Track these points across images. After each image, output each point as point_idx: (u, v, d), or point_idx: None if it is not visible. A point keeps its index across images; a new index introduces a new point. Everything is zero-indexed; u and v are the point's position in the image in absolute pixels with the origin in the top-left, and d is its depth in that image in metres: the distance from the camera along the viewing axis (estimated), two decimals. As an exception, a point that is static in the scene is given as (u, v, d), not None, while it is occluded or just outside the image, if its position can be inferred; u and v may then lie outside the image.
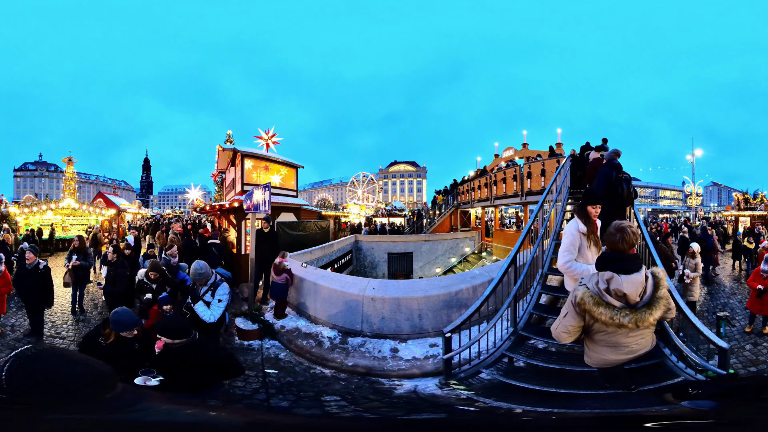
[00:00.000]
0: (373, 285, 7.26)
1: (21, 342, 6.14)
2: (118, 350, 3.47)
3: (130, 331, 3.53)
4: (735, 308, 8.38)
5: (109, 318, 3.60)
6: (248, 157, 12.29)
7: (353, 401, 4.32)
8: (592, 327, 2.72)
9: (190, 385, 3.13)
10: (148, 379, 2.95)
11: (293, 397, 4.70)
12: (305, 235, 13.47)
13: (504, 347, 4.90)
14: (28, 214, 19.19)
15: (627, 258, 2.68)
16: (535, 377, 4.36)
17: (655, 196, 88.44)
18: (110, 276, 6.74)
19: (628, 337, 2.65)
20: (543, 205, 6.37)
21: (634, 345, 2.69)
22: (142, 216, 35.94)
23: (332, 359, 5.94)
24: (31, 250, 6.60)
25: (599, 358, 2.83)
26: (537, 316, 5.34)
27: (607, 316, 2.56)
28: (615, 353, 2.73)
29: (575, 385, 3.96)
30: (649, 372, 3.76)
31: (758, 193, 25.26)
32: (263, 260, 8.40)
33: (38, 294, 6.34)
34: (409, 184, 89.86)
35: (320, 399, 4.61)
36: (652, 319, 2.57)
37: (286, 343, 6.58)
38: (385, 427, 1.82)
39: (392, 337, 6.48)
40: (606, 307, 2.58)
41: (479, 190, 22.71)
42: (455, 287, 6.87)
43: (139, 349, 3.57)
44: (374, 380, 5.32)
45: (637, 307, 2.58)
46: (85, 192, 74.69)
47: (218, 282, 5.29)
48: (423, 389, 4.78)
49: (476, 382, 4.65)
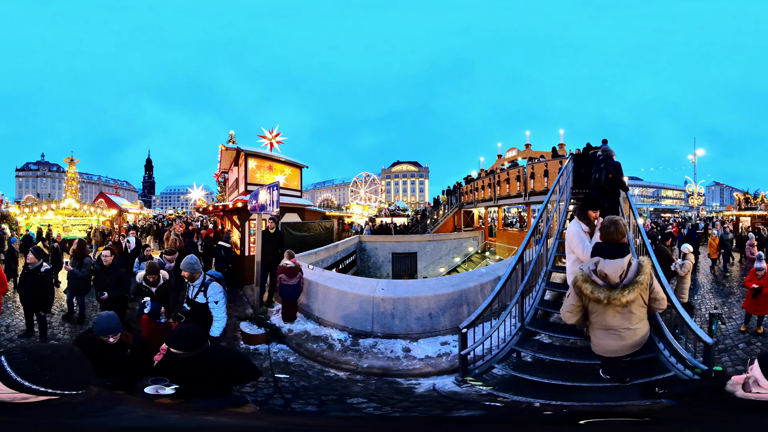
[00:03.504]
0: (382, 285, 7.25)
1: (14, 343, 6.08)
2: (107, 355, 3.26)
3: (114, 336, 3.33)
4: (733, 307, 8.49)
5: (93, 320, 3.47)
6: (252, 156, 12.12)
7: (381, 402, 4.31)
8: (588, 309, 3.26)
9: (210, 391, 2.96)
10: (161, 388, 2.73)
11: (315, 401, 4.51)
12: (310, 235, 13.30)
13: (513, 342, 5.05)
14: (29, 214, 19.08)
15: (612, 246, 3.23)
16: (543, 371, 4.58)
17: (657, 196, 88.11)
18: (111, 280, 6.55)
19: (615, 318, 3.15)
20: (547, 205, 6.54)
21: (622, 330, 3.16)
22: (144, 216, 35.83)
23: (346, 362, 5.86)
24: (34, 252, 6.54)
25: (600, 345, 3.31)
26: (542, 311, 5.57)
27: (589, 290, 3.13)
28: (609, 338, 3.22)
29: (579, 377, 4.21)
30: (645, 366, 4.05)
31: (759, 193, 24.95)
32: (268, 261, 8.16)
33: (36, 296, 6.25)
34: (412, 184, 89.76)
35: (345, 402, 4.49)
36: (624, 300, 3.05)
37: (295, 347, 6.43)
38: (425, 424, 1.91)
39: (403, 337, 6.47)
40: (590, 284, 3.15)
41: (482, 191, 22.67)
42: (463, 285, 6.92)
43: (132, 356, 3.38)
44: (391, 380, 5.30)
45: (618, 287, 3.09)
46: (87, 192, 74.65)
47: (207, 282, 4.97)
48: (442, 387, 4.83)
49: (490, 378, 4.77)
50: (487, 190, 22.01)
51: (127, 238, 9.70)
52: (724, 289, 10.52)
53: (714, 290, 10.39)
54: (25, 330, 6.43)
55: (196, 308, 4.95)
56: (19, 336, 6.35)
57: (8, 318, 7.10)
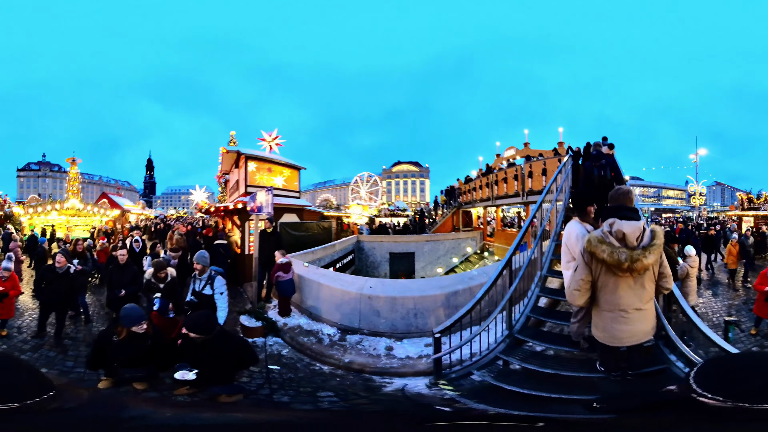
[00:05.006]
0: (371, 284, 7.44)
1: (29, 344, 6.08)
2: (132, 345, 3.72)
3: (140, 326, 3.76)
4: (741, 310, 8.43)
5: (120, 314, 3.85)
6: (252, 159, 12.42)
7: (344, 398, 4.54)
8: (597, 281, 2.98)
9: (220, 376, 3.57)
10: (186, 373, 3.40)
11: (293, 392, 4.87)
12: (308, 235, 13.58)
13: (498, 350, 4.84)
14: (33, 215, 19.36)
15: (628, 208, 3.02)
16: (527, 381, 4.31)
17: (659, 196, 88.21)
18: (126, 277, 6.83)
19: (627, 295, 2.91)
20: (542, 204, 6.26)
21: (631, 312, 2.93)
22: (146, 217, 36.14)
23: (330, 356, 6.11)
24: (63, 254, 6.52)
25: (606, 331, 3.05)
26: (535, 319, 5.19)
27: (608, 252, 2.83)
28: (617, 323, 2.97)
29: (566, 389, 3.89)
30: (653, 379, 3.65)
31: (762, 194, 24.69)
32: (266, 259, 8.59)
33: (66, 298, 6.33)
34: (412, 184, 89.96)
35: (316, 395, 4.78)
36: (646, 262, 2.83)
37: (288, 340, 6.76)
38: (342, 417, 1.98)
39: (388, 335, 6.63)
40: (607, 245, 2.86)
41: (480, 190, 22.74)
42: (452, 288, 6.96)
43: (152, 344, 3.82)
44: (367, 377, 5.47)
45: (636, 249, 2.84)
46: (89, 192, 74.86)
47: (213, 276, 5.64)
48: (411, 388, 4.86)
49: (467, 383, 4.66)
50: (485, 189, 22.06)
51: (135, 238, 9.99)
52: (724, 290, 10.33)
53: (715, 293, 10.09)
54: (37, 330, 6.44)
55: (203, 299, 5.49)
56: (32, 337, 6.35)
57: (18, 319, 7.02)
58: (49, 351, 5.83)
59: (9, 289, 6.24)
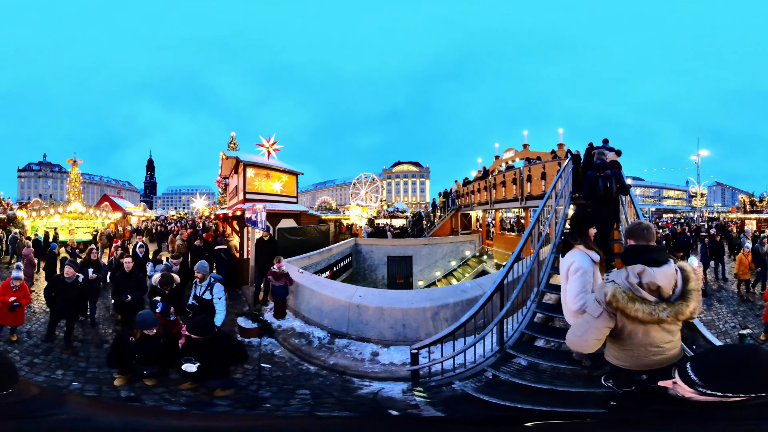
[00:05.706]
0: (360, 293, 7.71)
1: (39, 348, 6.24)
2: (148, 345, 4.52)
3: (151, 330, 4.55)
4: (747, 316, 8.60)
5: (135, 319, 4.64)
6: (250, 166, 12.66)
7: (318, 396, 4.95)
8: (622, 329, 2.50)
9: (216, 372, 4.35)
10: (191, 366, 4.17)
11: (276, 389, 5.26)
12: (305, 239, 13.81)
13: (486, 363, 4.74)
14: (36, 218, 19.55)
15: (656, 249, 2.54)
16: (515, 394, 4.18)
17: (659, 196, 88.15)
18: (132, 284, 7.12)
19: (659, 335, 2.46)
20: (539, 218, 5.81)
21: (665, 344, 2.50)
22: (147, 219, 36.32)
23: (317, 357, 6.48)
24: (71, 265, 6.64)
25: (627, 360, 2.61)
26: (529, 335, 4.99)
27: (646, 312, 2.36)
28: (651, 354, 2.53)
29: (561, 403, 3.73)
30: None
31: (765, 196, 24.43)
32: (263, 265, 9.02)
33: (75, 306, 6.63)
34: (413, 185, 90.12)
35: (295, 393, 5.13)
36: (688, 312, 2.41)
37: (281, 341, 7.16)
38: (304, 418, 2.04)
39: (376, 342, 6.90)
40: (642, 303, 2.37)
41: (479, 193, 22.72)
42: (443, 301, 7.04)
43: (165, 344, 4.66)
44: (348, 379, 5.73)
45: (671, 300, 2.41)
46: (90, 193, 75.24)
47: (213, 282, 6.29)
48: (386, 392, 5.01)
49: (447, 392, 4.66)
50: (483, 193, 22.02)
51: (140, 244, 10.21)
52: (729, 296, 10.27)
53: (720, 299, 9.93)
54: (46, 335, 6.57)
55: (203, 303, 6.17)
56: (42, 341, 6.48)
57: (26, 325, 7.06)
58: (60, 353, 6.12)
59: (20, 298, 6.37)
